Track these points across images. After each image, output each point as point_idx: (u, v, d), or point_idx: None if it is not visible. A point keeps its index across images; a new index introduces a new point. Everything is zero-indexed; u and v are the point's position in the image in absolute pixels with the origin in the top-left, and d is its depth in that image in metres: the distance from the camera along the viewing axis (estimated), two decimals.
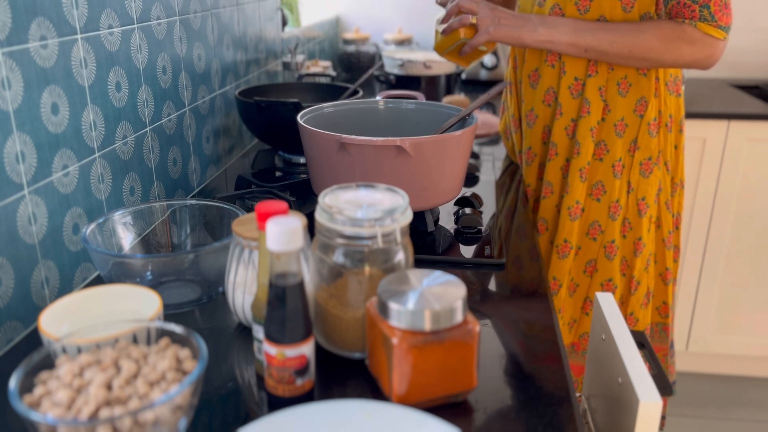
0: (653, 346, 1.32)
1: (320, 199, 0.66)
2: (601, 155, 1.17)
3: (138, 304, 0.67)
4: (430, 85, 1.86)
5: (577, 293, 1.23)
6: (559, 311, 1.23)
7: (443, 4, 1.28)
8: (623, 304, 1.23)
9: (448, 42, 1.18)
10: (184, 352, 0.55)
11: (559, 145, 1.20)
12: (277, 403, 0.61)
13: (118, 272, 0.74)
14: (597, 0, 1.11)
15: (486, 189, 1.20)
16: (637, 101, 1.14)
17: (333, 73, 1.77)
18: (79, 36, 0.83)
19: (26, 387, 0.51)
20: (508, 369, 0.68)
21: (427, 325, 0.58)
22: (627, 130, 1.16)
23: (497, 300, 0.82)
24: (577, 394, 0.81)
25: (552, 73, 1.19)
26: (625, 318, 1.23)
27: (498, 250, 0.94)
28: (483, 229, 0.99)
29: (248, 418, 0.61)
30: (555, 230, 1.23)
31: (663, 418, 1.37)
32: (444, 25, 1.17)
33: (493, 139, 1.55)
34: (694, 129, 2.05)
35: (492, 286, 0.86)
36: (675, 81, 1.18)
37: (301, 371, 0.59)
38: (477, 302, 0.82)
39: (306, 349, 0.59)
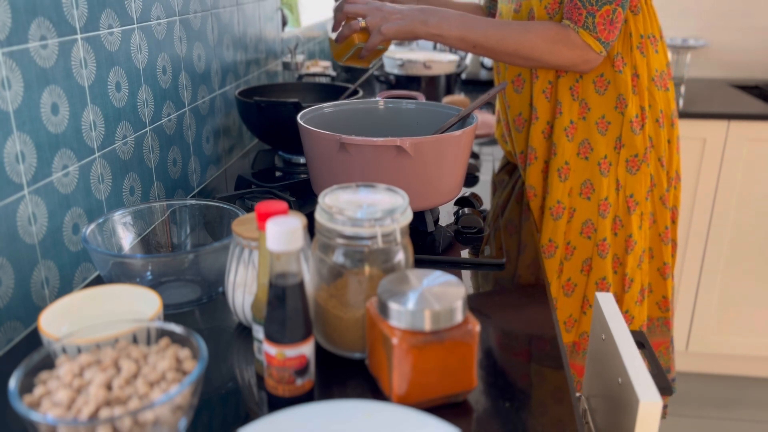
0: (655, 341, 1.32)
1: (320, 199, 0.66)
2: (586, 154, 1.18)
3: (138, 304, 0.67)
4: (430, 85, 1.86)
5: (575, 293, 1.23)
6: (557, 311, 1.24)
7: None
8: (618, 302, 1.23)
9: (345, 49, 1.15)
10: (184, 352, 0.55)
11: (537, 149, 1.21)
12: (277, 403, 0.61)
13: (118, 272, 0.74)
14: (564, 3, 1.11)
15: (486, 189, 1.20)
16: (616, 98, 1.15)
17: (333, 73, 1.76)
18: (79, 36, 0.83)
19: (26, 387, 0.51)
20: (508, 369, 0.68)
21: (427, 325, 0.58)
22: (610, 127, 1.16)
23: (497, 300, 0.82)
24: (577, 394, 0.81)
25: (531, 76, 1.20)
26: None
27: (498, 250, 0.94)
28: (483, 229, 0.99)
29: (248, 418, 0.61)
30: (541, 232, 1.24)
31: (665, 407, 1.37)
32: (335, 34, 1.15)
33: (492, 139, 1.55)
34: (694, 129, 2.05)
35: (492, 286, 0.86)
36: (662, 76, 1.18)
37: (301, 371, 0.59)
38: (477, 302, 0.82)
39: (306, 349, 0.59)
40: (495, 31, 1.08)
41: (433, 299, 0.59)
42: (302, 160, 1.34)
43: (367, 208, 0.64)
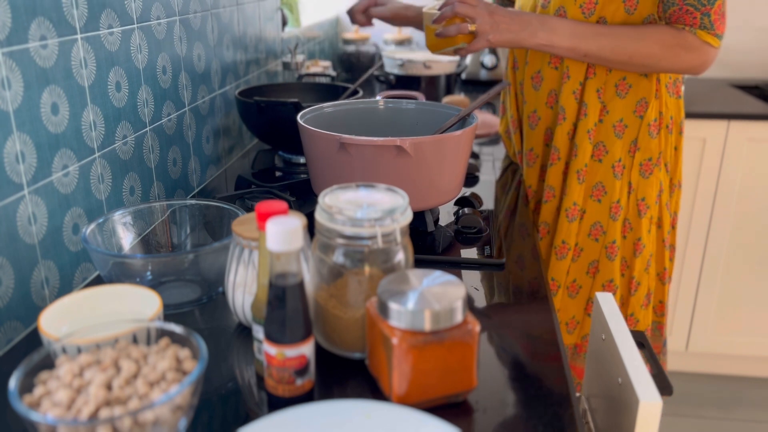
0: None
1: (320, 199, 0.66)
2: (600, 156, 1.17)
3: (138, 304, 0.67)
4: (430, 85, 1.86)
5: (580, 294, 1.23)
6: (559, 311, 1.23)
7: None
8: (623, 305, 1.23)
9: (444, 44, 1.15)
10: (184, 352, 0.55)
11: (561, 149, 1.20)
12: (277, 403, 0.61)
13: (118, 272, 0.74)
14: (601, 3, 1.10)
15: (486, 189, 1.20)
16: (637, 102, 1.14)
17: (333, 73, 1.76)
18: (79, 36, 0.83)
19: (26, 387, 0.51)
20: (508, 369, 0.68)
21: (427, 325, 0.58)
22: (627, 131, 1.15)
23: (497, 300, 0.82)
24: (577, 394, 0.81)
25: (554, 75, 1.19)
26: (626, 319, 1.23)
27: (498, 250, 0.94)
28: (483, 229, 0.99)
29: (248, 418, 0.61)
30: (555, 233, 1.23)
31: None
32: (438, 26, 1.14)
33: (493, 139, 1.55)
34: (694, 129, 2.05)
35: (492, 286, 0.86)
36: (675, 83, 1.18)
37: (301, 371, 0.59)
38: (477, 302, 0.82)
39: (306, 349, 0.59)
40: (608, 41, 1.07)
41: (433, 299, 0.59)
42: (302, 160, 1.34)
43: (367, 208, 0.64)
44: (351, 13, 1.59)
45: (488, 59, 2.28)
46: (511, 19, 1.09)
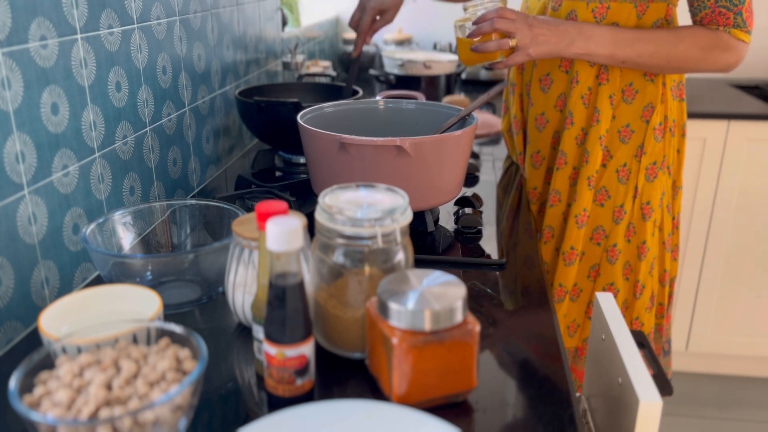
0: None
1: (320, 199, 0.66)
2: (604, 161, 1.17)
3: (138, 304, 0.67)
4: (430, 85, 1.86)
5: (580, 298, 1.23)
6: (564, 317, 1.23)
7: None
8: (628, 308, 1.22)
9: (481, 59, 1.12)
10: (184, 352, 0.55)
11: (569, 154, 1.19)
12: (277, 403, 0.61)
13: (118, 272, 0.74)
14: (613, 9, 1.10)
15: (486, 189, 1.20)
16: (644, 107, 1.14)
17: (333, 73, 1.76)
18: (79, 36, 0.83)
19: (26, 387, 0.51)
20: (508, 369, 0.68)
21: (427, 325, 0.58)
22: (633, 136, 1.15)
23: (497, 300, 0.82)
24: (577, 395, 0.81)
25: (565, 78, 1.18)
26: (631, 322, 1.23)
27: (498, 251, 0.94)
28: (483, 229, 0.99)
29: (248, 418, 0.61)
30: (561, 238, 1.22)
31: None
32: (472, 40, 1.10)
33: (493, 139, 1.55)
34: (694, 129, 2.05)
35: (492, 286, 0.86)
36: (678, 86, 1.18)
37: (301, 371, 0.59)
38: (477, 302, 0.82)
39: (306, 349, 0.59)
40: (646, 46, 1.07)
41: (433, 299, 0.59)
42: (302, 160, 1.34)
43: (367, 208, 0.64)
44: (359, 33, 1.50)
45: None
46: (549, 30, 1.07)
